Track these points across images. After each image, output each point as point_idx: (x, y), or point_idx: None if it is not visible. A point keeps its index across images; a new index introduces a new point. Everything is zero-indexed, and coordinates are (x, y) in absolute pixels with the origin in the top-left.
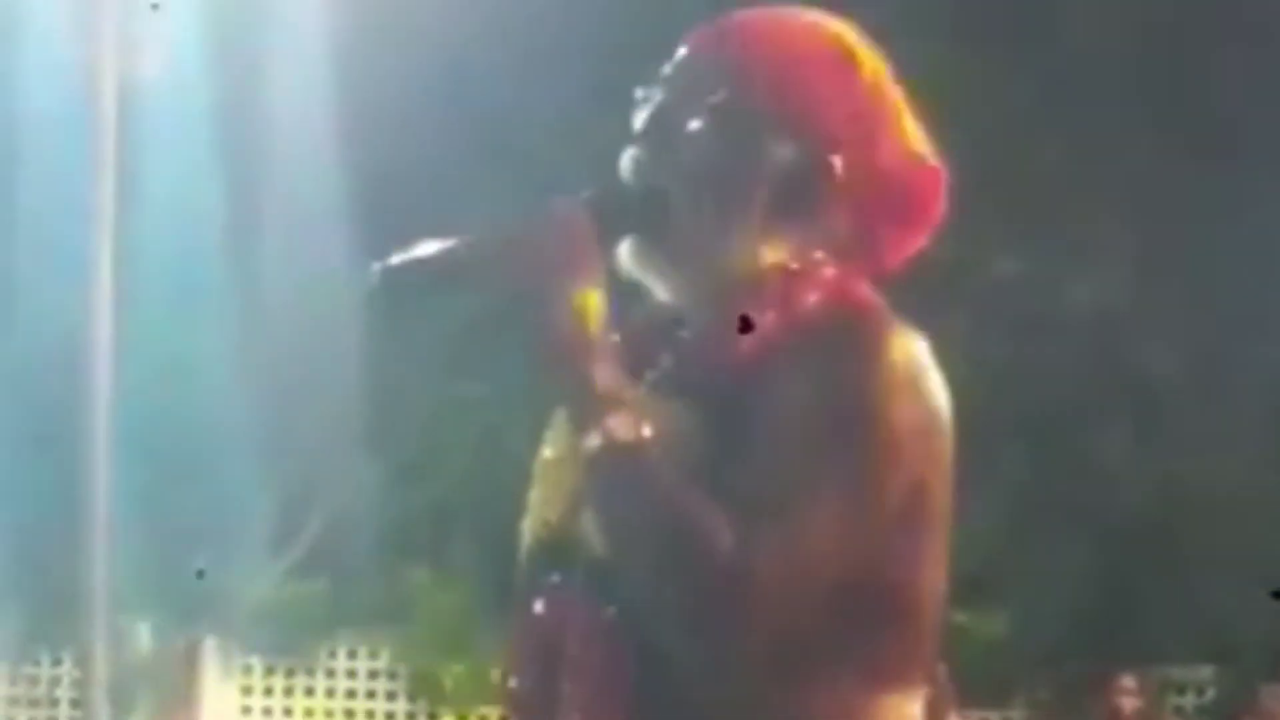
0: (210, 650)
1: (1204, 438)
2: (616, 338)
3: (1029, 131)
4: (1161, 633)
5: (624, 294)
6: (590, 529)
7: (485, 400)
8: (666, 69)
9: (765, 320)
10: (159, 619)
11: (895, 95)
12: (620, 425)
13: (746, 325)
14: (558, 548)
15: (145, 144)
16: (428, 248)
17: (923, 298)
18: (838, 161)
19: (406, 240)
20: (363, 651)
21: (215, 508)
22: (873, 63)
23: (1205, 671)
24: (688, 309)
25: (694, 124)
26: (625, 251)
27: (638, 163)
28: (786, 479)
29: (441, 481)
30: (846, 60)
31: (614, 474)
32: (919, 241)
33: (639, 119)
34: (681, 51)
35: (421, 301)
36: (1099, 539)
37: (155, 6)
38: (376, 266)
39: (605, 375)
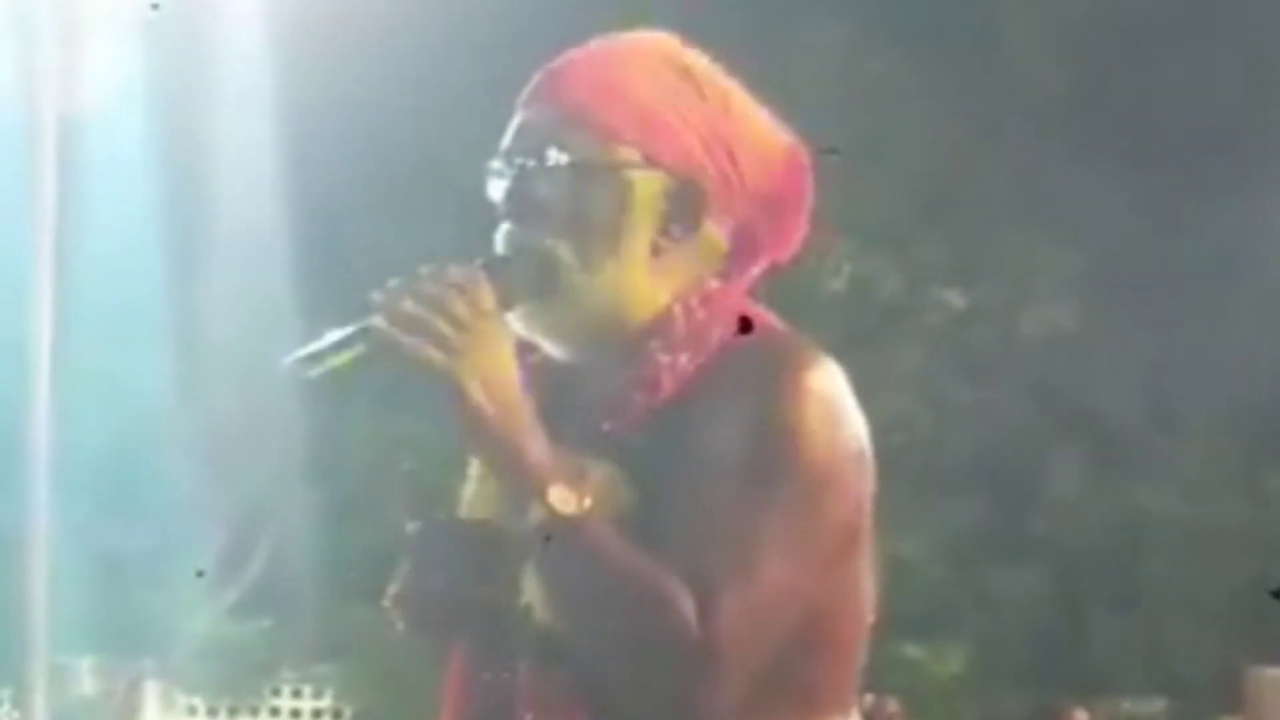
0: (152, 690)
1: (1157, 470)
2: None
3: (974, 164)
4: (1116, 665)
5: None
6: (531, 596)
7: (426, 437)
8: (511, 135)
9: (678, 360)
10: (100, 658)
11: (737, 97)
12: (561, 499)
13: (746, 325)
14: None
15: (85, 176)
16: (335, 334)
17: (876, 333)
18: (705, 181)
19: (347, 273)
20: (306, 691)
21: (157, 547)
22: (707, 72)
23: (1157, 704)
24: (594, 364)
25: (558, 182)
26: (521, 317)
27: (513, 234)
28: (733, 529)
29: (383, 519)
30: (684, 78)
31: (563, 550)
32: (798, 234)
33: (499, 191)
34: (522, 112)
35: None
36: (1053, 572)
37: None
38: (293, 359)
39: (535, 446)
